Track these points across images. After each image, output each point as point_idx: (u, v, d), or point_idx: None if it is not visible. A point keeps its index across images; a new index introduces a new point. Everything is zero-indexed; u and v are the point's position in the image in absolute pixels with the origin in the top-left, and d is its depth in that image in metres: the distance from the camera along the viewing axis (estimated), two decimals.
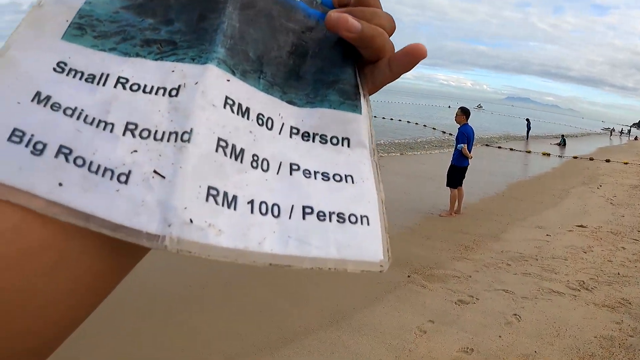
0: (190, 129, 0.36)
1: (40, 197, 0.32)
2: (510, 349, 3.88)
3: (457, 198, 8.47)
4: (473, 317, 4.48)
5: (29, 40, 0.37)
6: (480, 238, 7.09)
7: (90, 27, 0.39)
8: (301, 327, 4.14)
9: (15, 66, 0.36)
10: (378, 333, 4.12)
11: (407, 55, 0.44)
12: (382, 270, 0.40)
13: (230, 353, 3.71)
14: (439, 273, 5.56)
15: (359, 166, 0.44)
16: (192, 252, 0.34)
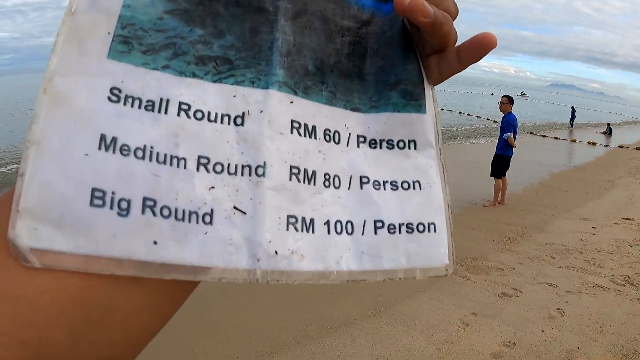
0: (264, 162, 0.37)
1: (142, 262, 0.32)
2: (552, 344, 3.85)
3: (501, 188, 8.34)
4: (516, 310, 4.45)
5: (72, 63, 0.34)
6: (524, 229, 6.99)
7: (137, 39, 0.36)
8: (343, 317, 4.18)
9: (69, 103, 0.33)
10: (420, 324, 4.13)
11: (478, 45, 0.42)
12: (447, 274, 0.42)
13: (275, 342, 3.79)
14: (482, 265, 5.52)
15: (426, 170, 0.44)
16: (280, 280, 0.36)
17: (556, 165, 13.28)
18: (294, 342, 3.80)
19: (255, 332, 3.89)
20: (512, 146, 8.22)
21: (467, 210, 7.90)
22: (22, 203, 0.30)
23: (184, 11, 0.38)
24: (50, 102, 0.32)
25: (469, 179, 10.10)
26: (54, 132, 0.31)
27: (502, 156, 8.34)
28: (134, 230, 0.32)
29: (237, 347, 3.71)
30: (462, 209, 7.98)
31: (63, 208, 0.30)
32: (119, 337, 0.34)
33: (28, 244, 0.29)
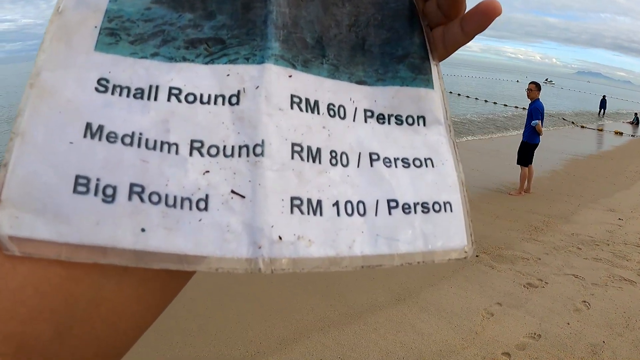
0: (262, 140, 0.35)
1: (127, 250, 0.31)
2: (577, 337, 3.83)
3: (527, 176, 8.27)
4: (541, 301, 4.43)
5: (59, 57, 0.34)
6: (550, 219, 6.94)
7: (124, 30, 0.36)
8: (367, 304, 4.19)
9: (54, 95, 0.33)
10: (444, 313, 4.13)
11: (482, 13, 0.40)
12: (467, 256, 0.40)
13: (298, 327, 3.81)
14: (508, 254, 5.49)
15: (437, 147, 0.42)
16: (286, 269, 0.33)
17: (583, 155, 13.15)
18: (317, 328, 3.82)
19: (279, 318, 3.92)
20: (539, 134, 8.13)
21: (492, 199, 7.85)
22: (4, 193, 0.30)
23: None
24: (36, 96, 0.32)
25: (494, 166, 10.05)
26: (39, 124, 0.31)
27: (528, 144, 8.25)
28: (119, 217, 0.31)
29: (260, 333, 3.73)
30: (488, 196, 7.93)
31: (46, 196, 0.30)
32: (106, 331, 0.33)
33: (8, 232, 0.29)
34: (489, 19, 0.40)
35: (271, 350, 3.54)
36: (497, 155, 11.24)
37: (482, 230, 6.20)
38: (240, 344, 3.60)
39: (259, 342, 3.63)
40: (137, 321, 0.35)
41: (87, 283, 0.31)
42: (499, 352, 3.62)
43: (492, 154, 11.46)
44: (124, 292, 0.33)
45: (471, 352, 3.60)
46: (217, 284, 4.21)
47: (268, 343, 3.63)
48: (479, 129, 16.62)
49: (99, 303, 0.32)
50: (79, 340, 0.32)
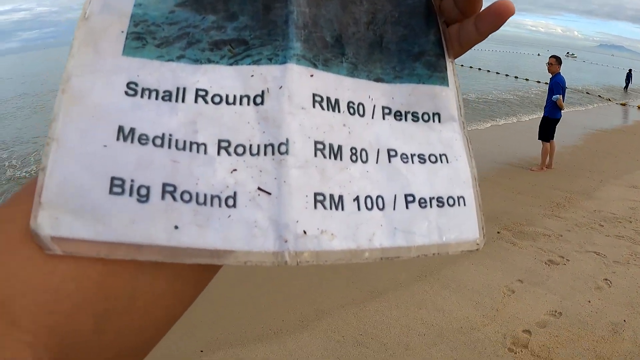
0: (286, 139, 0.36)
1: (162, 247, 0.32)
2: (598, 316, 3.83)
3: (548, 152, 8.19)
4: (563, 278, 4.43)
5: (88, 62, 0.35)
6: (572, 195, 6.88)
7: (150, 34, 0.37)
8: (389, 281, 4.21)
9: (85, 100, 0.34)
10: (465, 290, 4.15)
11: (494, 13, 0.41)
12: (478, 248, 0.42)
13: (320, 306, 3.86)
14: (529, 230, 5.48)
15: (451, 143, 0.43)
16: (310, 261, 0.35)
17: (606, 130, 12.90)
18: (339, 305, 3.86)
19: (300, 296, 3.96)
20: (560, 108, 8.02)
21: (514, 174, 7.79)
22: (44, 195, 0.31)
23: (195, 1, 0.39)
24: (68, 101, 0.33)
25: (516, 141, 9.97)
26: (72, 128, 0.33)
27: (550, 119, 8.15)
28: (154, 216, 0.32)
29: (282, 310, 3.79)
30: (510, 172, 7.88)
31: (83, 197, 0.31)
32: (142, 323, 0.34)
33: (50, 233, 0.30)
34: (501, 19, 0.41)
35: (293, 328, 3.59)
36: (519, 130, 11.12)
37: (504, 206, 6.19)
38: (263, 322, 3.65)
39: (281, 319, 3.69)
40: (171, 311, 0.37)
41: (124, 278, 0.32)
42: (519, 329, 3.64)
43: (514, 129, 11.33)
44: (159, 286, 0.34)
45: (492, 329, 3.62)
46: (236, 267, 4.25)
47: (290, 321, 3.68)
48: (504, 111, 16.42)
49: (136, 296, 0.33)
50: (117, 331, 0.33)
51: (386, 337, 3.51)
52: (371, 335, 3.51)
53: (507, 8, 0.40)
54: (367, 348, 3.39)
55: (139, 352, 0.36)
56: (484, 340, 3.50)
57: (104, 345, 0.33)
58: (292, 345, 3.41)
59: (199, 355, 3.29)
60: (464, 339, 3.51)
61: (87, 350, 0.32)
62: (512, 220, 5.72)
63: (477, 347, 3.42)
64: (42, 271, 0.30)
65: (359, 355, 3.32)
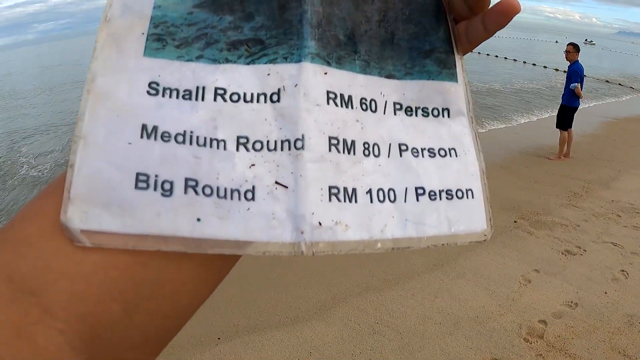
0: (302, 135, 0.37)
1: (186, 238, 0.34)
2: (615, 307, 3.82)
3: (566, 140, 8.12)
4: (579, 269, 4.42)
5: (111, 63, 0.36)
6: (589, 185, 6.84)
7: (169, 35, 0.38)
8: (406, 270, 4.24)
9: (110, 99, 0.35)
10: (482, 279, 4.16)
11: (499, 12, 0.41)
12: (486, 239, 0.43)
13: (337, 292, 3.90)
14: (546, 220, 5.46)
15: (460, 138, 0.44)
16: (325, 252, 0.36)
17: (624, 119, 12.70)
18: (355, 293, 3.89)
19: (317, 284, 4.00)
20: (579, 97, 7.96)
21: (531, 163, 7.77)
22: (73, 190, 0.32)
23: (212, 2, 0.40)
24: (93, 100, 0.35)
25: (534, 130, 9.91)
26: (98, 126, 0.34)
27: (567, 107, 8.09)
28: (177, 209, 0.34)
29: (299, 298, 3.83)
30: (527, 161, 7.85)
31: (110, 192, 0.33)
32: (169, 308, 0.36)
33: (79, 226, 0.32)
34: (507, 17, 0.41)
35: (310, 315, 3.63)
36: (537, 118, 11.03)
37: (521, 195, 6.18)
38: (279, 309, 3.69)
39: (298, 307, 3.73)
40: (196, 296, 0.38)
41: (151, 267, 0.34)
42: (535, 319, 3.65)
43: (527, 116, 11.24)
44: (185, 273, 0.36)
45: (507, 319, 3.64)
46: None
47: (307, 308, 3.72)
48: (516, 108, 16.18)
49: (162, 284, 0.35)
50: (145, 316, 0.35)
51: (402, 326, 3.54)
52: (387, 324, 3.54)
53: (513, 6, 0.41)
54: (383, 336, 3.42)
55: (164, 337, 0.38)
56: (499, 330, 3.51)
57: (132, 331, 0.35)
58: (309, 332, 3.44)
59: (216, 342, 3.34)
60: (479, 329, 3.52)
61: (116, 336, 0.34)
62: (529, 210, 5.71)
63: (493, 337, 3.43)
64: (72, 261, 0.32)
65: (374, 344, 3.35)
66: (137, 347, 0.36)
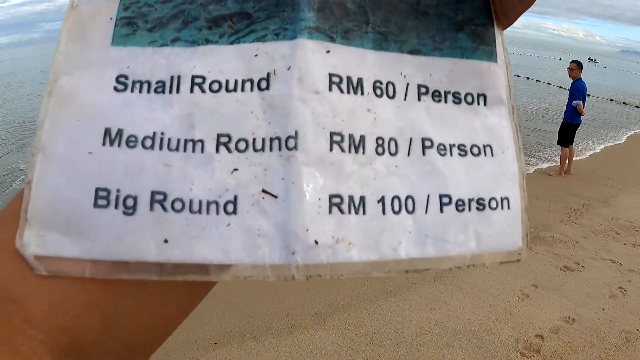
0: (295, 131, 0.30)
1: (151, 263, 0.29)
2: (612, 324, 3.83)
3: (567, 157, 8.13)
4: (577, 285, 4.42)
5: (76, 58, 0.31)
6: (589, 202, 6.85)
7: (142, 17, 0.32)
8: (404, 281, 4.23)
9: (73, 101, 0.30)
10: (479, 292, 4.16)
11: None
12: (520, 259, 0.35)
13: (334, 301, 3.89)
14: (546, 236, 5.47)
15: (498, 132, 0.36)
16: (323, 275, 0.30)
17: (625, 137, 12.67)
18: (353, 303, 3.89)
19: (315, 292, 3.99)
20: (580, 114, 7.96)
21: (531, 178, 7.75)
22: (29, 211, 0.29)
23: None
24: (55, 104, 0.30)
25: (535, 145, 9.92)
26: (59, 135, 0.30)
27: (569, 124, 8.10)
28: (141, 229, 0.29)
29: (297, 306, 3.82)
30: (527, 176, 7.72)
31: (69, 212, 0.29)
32: (152, 320, 0.33)
33: (33, 252, 0.28)
34: None
35: (307, 324, 3.62)
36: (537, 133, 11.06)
37: None
38: (276, 316, 3.69)
39: (296, 315, 3.72)
40: (181, 307, 0.35)
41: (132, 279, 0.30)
42: (532, 334, 3.65)
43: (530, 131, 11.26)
44: (169, 285, 0.31)
45: (505, 333, 3.63)
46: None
47: (304, 315, 3.71)
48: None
49: (144, 296, 0.32)
50: (126, 331, 0.32)
51: (399, 337, 3.53)
52: (384, 334, 3.53)
53: None
54: (380, 347, 3.41)
55: (149, 347, 0.35)
56: (496, 344, 3.51)
57: (114, 344, 0.32)
58: (306, 340, 3.44)
59: (212, 347, 3.33)
60: (476, 342, 3.52)
61: (98, 349, 0.32)
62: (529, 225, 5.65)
63: (490, 350, 3.43)
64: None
65: (371, 354, 3.34)
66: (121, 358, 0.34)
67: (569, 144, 8.10)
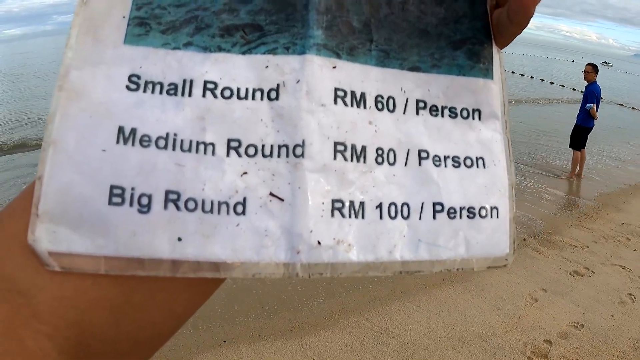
0: (302, 140, 0.33)
1: (165, 260, 0.30)
2: (620, 331, 3.80)
3: (579, 161, 8.09)
4: (586, 290, 4.39)
5: (87, 54, 0.32)
6: (600, 206, 6.79)
7: (154, 19, 0.33)
8: (412, 282, 4.21)
9: (84, 97, 0.31)
10: (488, 295, 4.14)
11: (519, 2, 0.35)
12: (507, 264, 0.38)
13: (344, 303, 3.88)
14: (556, 239, 5.43)
15: (490, 145, 0.39)
16: (324, 273, 0.32)
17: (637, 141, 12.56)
18: (361, 302, 3.89)
19: (324, 292, 3.99)
20: (594, 117, 7.94)
21: (542, 180, 7.72)
22: (41, 206, 0.29)
23: None
24: (66, 99, 0.31)
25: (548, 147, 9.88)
26: (70, 130, 0.30)
27: (582, 127, 8.08)
28: (156, 227, 0.30)
29: (305, 305, 3.83)
30: (539, 178, 7.80)
31: (82, 209, 0.29)
32: (161, 316, 0.34)
33: (47, 248, 0.29)
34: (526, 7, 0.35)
35: (314, 322, 3.63)
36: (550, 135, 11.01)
37: (531, 213, 6.14)
38: (285, 316, 3.69)
39: (304, 314, 3.72)
40: (190, 304, 0.35)
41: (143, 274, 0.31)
42: (540, 338, 3.63)
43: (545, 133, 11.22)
44: (179, 281, 0.33)
45: (513, 337, 3.61)
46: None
47: (312, 314, 3.71)
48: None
49: (155, 292, 0.32)
50: (135, 325, 0.33)
51: (406, 337, 3.52)
52: (392, 335, 3.53)
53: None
54: (387, 347, 3.41)
55: (155, 344, 0.36)
56: (504, 347, 3.49)
57: (121, 338, 0.33)
58: (313, 339, 3.44)
59: (221, 346, 3.33)
60: (484, 345, 3.51)
61: (105, 344, 0.32)
62: (538, 228, 5.68)
63: (497, 354, 3.42)
64: None
65: (378, 354, 3.34)
66: (128, 353, 0.34)
67: (581, 147, 8.07)
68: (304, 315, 3.69)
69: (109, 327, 0.32)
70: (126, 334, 0.33)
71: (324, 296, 3.94)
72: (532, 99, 18.05)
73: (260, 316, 3.65)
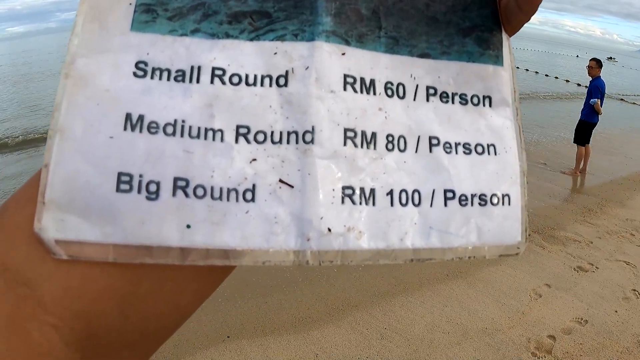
0: (312, 127, 0.32)
1: (174, 248, 0.30)
2: (624, 327, 3.80)
3: (583, 156, 8.06)
4: (590, 286, 4.38)
5: (94, 41, 0.31)
6: (604, 202, 6.78)
7: (161, 5, 0.33)
8: (416, 277, 4.22)
9: (91, 84, 0.31)
10: (492, 290, 4.14)
11: None
12: (519, 252, 0.38)
13: (347, 298, 3.89)
14: (560, 235, 5.43)
15: (501, 132, 0.39)
16: (334, 261, 0.32)
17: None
18: (364, 297, 3.89)
19: (328, 289, 3.99)
20: (598, 113, 7.92)
21: (546, 176, 7.71)
22: (47, 194, 0.29)
23: None
24: (72, 86, 0.30)
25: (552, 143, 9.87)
26: (77, 118, 0.30)
27: (586, 122, 8.06)
28: (164, 215, 0.30)
29: (309, 300, 3.83)
30: (543, 174, 7.78)
31: (89, 196, 0.29)
32: (168, 308, 0.33)
33: (54, 236, 0.28)
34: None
35: (318, 317, 3.63)
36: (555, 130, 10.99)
37: (535, 208, 6.13)
38: (289, 311, 3.70)
39: (307, 309, 3.73)
40: (197, 296, 0.35)
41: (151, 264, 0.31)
42: (544, 334, 3.63)
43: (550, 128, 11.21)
44: (187, 271, 0.32)
45: (516, 332, 3.62)
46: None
47: (315, 309, 3.72)
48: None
49: (162, 282, 0.32)
50: (142, 316, 0.32)
51: (410, 333, 3.53)
52: (395, 330, 3.53)
53: None
54: (390, 342, 3.41)
55: (162, 335, 0.36)
56: (507, 343, 3.50)
57: (128, 329, 0.32)
58: (316, 334, 3.45)
59: (225, 341, 3.34)
60: (487, 340, 3.51)
61: (112, 335, 0.32)
62: (543, 224, 5.67)
63: (501, 349, 3.42)
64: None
65: (382, 349, 3.35)
66: (133, 345, 0.34)
67: (585, 143, 8.05)
68: (307, 311, 3.69)
69: (115, 318, 0.31)
70: (132, 325, 0.32)
71: (325, 290, 3.94)
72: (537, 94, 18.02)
73: (263, 311, 3.66)
